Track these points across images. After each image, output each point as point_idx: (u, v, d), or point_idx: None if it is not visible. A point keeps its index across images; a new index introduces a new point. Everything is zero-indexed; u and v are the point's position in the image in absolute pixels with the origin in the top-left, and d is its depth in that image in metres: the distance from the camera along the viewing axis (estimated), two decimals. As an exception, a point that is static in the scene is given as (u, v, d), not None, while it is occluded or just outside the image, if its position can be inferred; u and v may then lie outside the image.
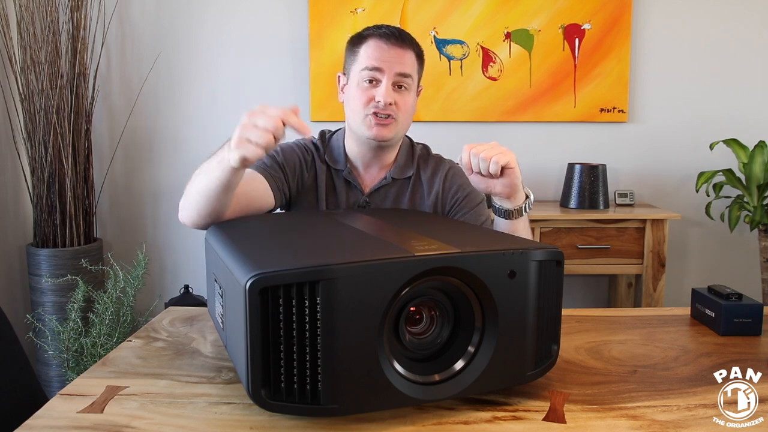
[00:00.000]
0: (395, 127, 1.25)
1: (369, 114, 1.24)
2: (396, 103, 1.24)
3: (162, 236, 2.73)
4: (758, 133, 2.57)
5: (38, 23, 2.32)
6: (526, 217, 1.18)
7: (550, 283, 0.81)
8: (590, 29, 2.59)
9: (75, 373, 2.08)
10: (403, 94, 1.25)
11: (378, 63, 1.23)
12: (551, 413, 0.78)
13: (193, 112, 2.67)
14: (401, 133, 1.30)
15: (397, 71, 1.23)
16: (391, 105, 1.23)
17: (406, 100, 1.26)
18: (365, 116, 1.25)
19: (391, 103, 1.23)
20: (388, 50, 1.23)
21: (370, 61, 1.23)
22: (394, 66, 1.23)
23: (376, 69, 1.23)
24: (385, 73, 1.23)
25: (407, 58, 1.25)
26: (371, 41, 1.25)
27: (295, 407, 0.71)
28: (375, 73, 1.23)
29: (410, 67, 1.25)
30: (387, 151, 1.32)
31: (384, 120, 1.24)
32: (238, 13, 2.61)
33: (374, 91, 1.24)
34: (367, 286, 0.70)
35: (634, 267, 2.37)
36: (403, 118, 1.27)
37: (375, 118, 1.24)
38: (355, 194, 1.32)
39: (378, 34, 1.25)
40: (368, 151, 1.31)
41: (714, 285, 1.13)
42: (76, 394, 0.83)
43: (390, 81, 1.23)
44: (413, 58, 1.26)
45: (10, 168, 2.52)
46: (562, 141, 2.67)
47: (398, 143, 1.34)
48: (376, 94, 1.23)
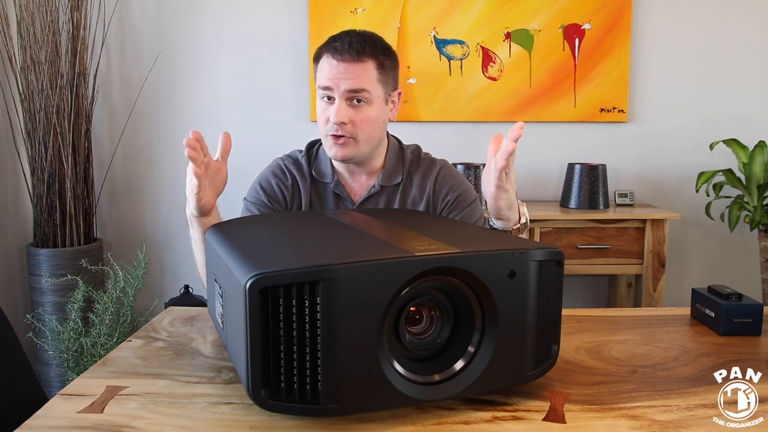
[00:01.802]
0: (354, 146, 1.22)
1: (328, 134, 1.22)
2: (352, 121, 1.20)
3: (162, 236, 2.73)
4: (758, 133, 2.57)
5: (38, 23, 2.32)
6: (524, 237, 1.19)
7: (550, 283, 0.81)
8: (590, 29, 2.59)
9: (75, 373, 2.08)
10: (361, 109, 1.20)
11: (328, 82, 1.20)
12: (551, 413, 0.78)
13: (193, 112, 2.67)
14: (365, 149, 1.24)
15: (346, 88, 1.18)
16: (345, 125, 1.19)
17: (365, 116, 1.21)
18: (326, 136, 1.23)
19: (345, 123, 1.19)
20: (338, 66, 1.19)
21: (322, 80, 1.21)
22: (343, 83, 1.18)
23: (327, 88, 1.20)
24: (335, 91, 1.19)
25: (360, 72, 1.18)
26: (324, 58, 1.22)
27: (295, 407, 0.71)
28: (328, 92, 1.21)
29: (363, 81, 1.19)
30: (365, 162, 1.29)
31: (340, 141, 1.21)
32: (238, 13, 2.62)
33: (329, 110, 1.21)
34: (367, 286, 0.70)
35: (634, 267, 2.37)
36: (364, 135, 1.22)
37: (332, 138, 1.21)
38: (345, 206, 1.31)
39: (331, 48, 1.20)
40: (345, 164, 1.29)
41: (714, 285, 1.12)
42: (76, 394, 0.83)
43: (342, 99, 1.19)
44: (371, 69, 1.20)
45: (10, 168, 2.52)
46: (562, 141, 2.67)
47: (374, 152, 1.29)
48: (330, 113, 1.20)
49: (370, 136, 1.23)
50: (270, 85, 2.65)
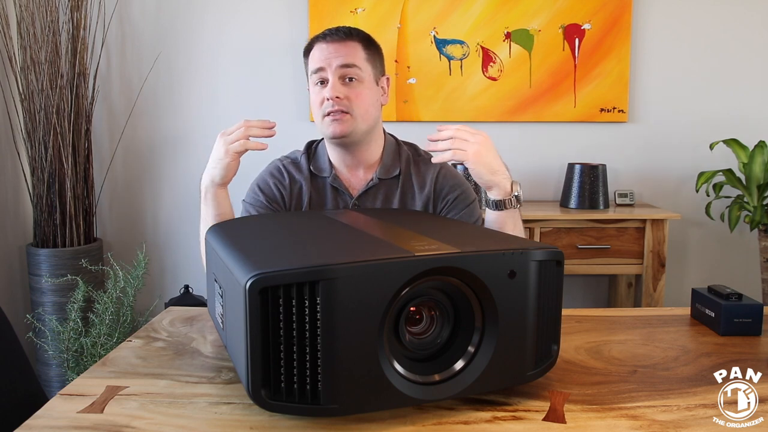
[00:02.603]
0: (351, 121, 1.24)
1: (324, 114, 1.24)
2: (347, 96, 1.23)
3: (162, 236, 2.73)
4: (758, 133, 2.57)
5: (38, 23, 2.32)
6: (517, 213, 1.20)
7: (550, 283, 0.81)
8: (590, 29, 2.59)
9: (75, 373, 2.08)
10: (354, 86, 1.24)
11: (320, 63, 1.24)
12: (551, 413, 0.78)
13: (193, 112, 2.67)
14: (363, 127, 1.26)
15: (338, 64, 1.23)
16: (340, 99, 1.22)
17: (359, 92, 1.24)
18: (322, 117, 1.25)
19: (339, 97, 1.22)
20: (328, 48, 1.25)
21: (315, 63, 1.25)
22: (335, 60, 1.23)
23: (320, 69, 1.24)
24: (327, 71, 1.24)
25: (349, 50, 1.24)
26: (315, 46, 1.27)
27: (295, 407, 0.71)
28: (321, 74, 1.25)
29: (354, 57, 1.24)
30: (362, 148, 1.30)
31: (337, 116, 1.23)
32: (238, 13, 2.61)
33: (324, 90, 1.24)
34: (367, 286, 0.70)
35: (634, 267, 2.37)
36: (360, 111, 1.25)
37: (330, 116, 1.24)
38: (344, 199, 1.32)
39: (320, 37, 1.27)
40: (343, 153, 1.31)
41: (714, 285, 1.12)
42: (76, 394, 0.83)
43: (335, 76, 1.23)
44: (358, 48, 1.26)
45: (10, 168, 2.52)
46: (562, 141, 2.67)
47: (371, 138, 1.31)
48: (324, 94, 1.24)
49: (366, 112, 1.26)
50: (270, 85, 2.65)
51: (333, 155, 1.33)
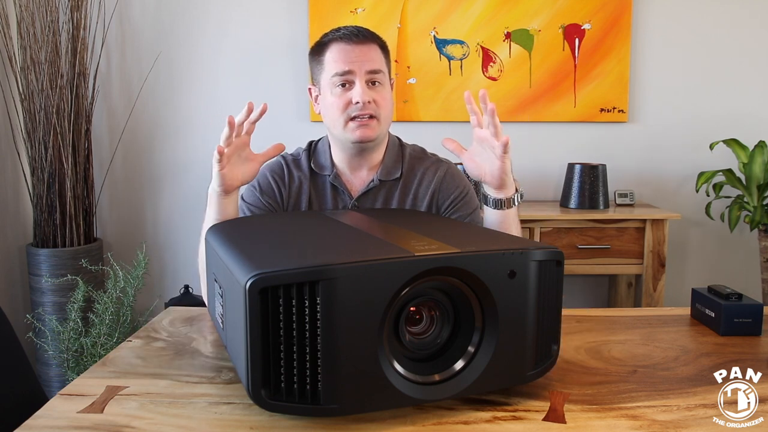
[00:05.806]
0: (378, 125, 1.24)
1: (349, 118, 1.23)
2: (374, 100, 1.22)
3: (162, 236, 2.73)
4: (758, 133, 2.57)
5: (38, 23, 2.32)
6: (516, 211, 1.19)
7: (550, 283, 0.81)
8: (590, 29, 2.59)
9: (75, 373, 2.08)
10: (379, 90, 1.24)
11: (346, 65, 1.21)
12: (551, 413, 0.78)
13: (193, 112, 2.67)
14: (385, 130, 1.28)
15: (367, 69, 1.22)
16: (370, 103, 1.22)
17: (384, 96, 1.25)
18: (346, 121, 1.23)
19: (369, 102, 1.21)
20: (353, 50, 1.22)
21: (338, 65, 1.22)
22: (364, 64, 1.22)
23: (346, 72, 1.22)
24: (355, 74, 1.22)
25: (374, 54, 1.24)
26: (333, 46, 1.24)
27: (295, 407, 0.71)
28: (346, 77, 1.22)
29: (379, 62, 1.24)
30: (372, 151, 1.30)
31: (366, 120, 1.22)
32: (238, 13, 2.61)
33: (349, 94, 1.22)
34: (367, 286, 0.70)
35: (634, 267, 2.37)
36: (385, 115, 1.26)
37: (356, 120, 1.22)
38: (343, 199, 1.31)
39: (338, 36, 1.24)
40: (354, 155, 1.30)
41: (714, 285, 1.12)
42: (76, 394, 0.83)
43: (363, 80, 1.22)
44: (379, 52, 1.25)
45: (10, 168, 2.52)
46: (562, 141, 2.67)
47: (383, 142, 1.32)
48: (352, 96, 1.21)
49: (388, 116, 1.28)
50: (270, 85, 2.65)
51: (339, 156, 1.32)
